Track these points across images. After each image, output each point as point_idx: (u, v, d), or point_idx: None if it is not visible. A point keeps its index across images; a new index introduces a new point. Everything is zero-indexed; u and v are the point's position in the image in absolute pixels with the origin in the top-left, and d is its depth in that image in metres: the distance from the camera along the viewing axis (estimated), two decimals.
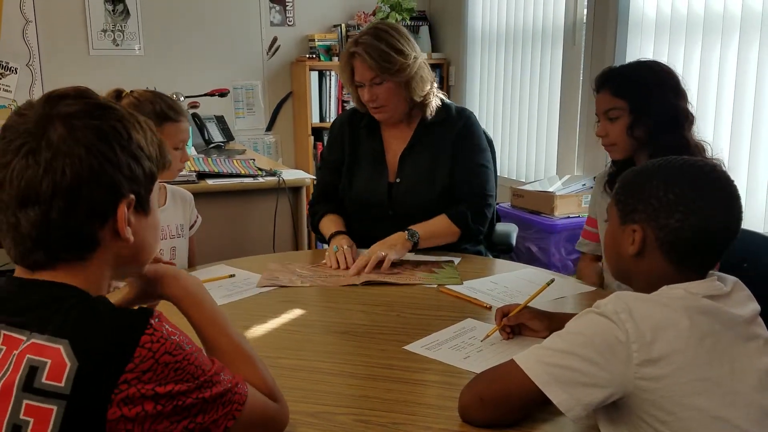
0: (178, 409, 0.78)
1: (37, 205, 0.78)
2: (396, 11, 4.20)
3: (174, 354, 0.77)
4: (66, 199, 0.78)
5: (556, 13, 3.41)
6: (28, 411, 0.73)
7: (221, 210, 2.56)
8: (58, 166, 0.77)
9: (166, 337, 0.77)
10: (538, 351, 0.99)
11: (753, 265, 1.74)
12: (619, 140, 1.69)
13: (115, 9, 3.91)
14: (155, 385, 0.75)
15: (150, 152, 0.87)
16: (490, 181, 2.07)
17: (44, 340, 0.75)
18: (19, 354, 0.75)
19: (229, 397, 0.84)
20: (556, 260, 2.97)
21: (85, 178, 0.79)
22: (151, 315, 0.78)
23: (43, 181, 0.77)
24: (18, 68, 3.76)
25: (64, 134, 0.78)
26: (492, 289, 1.66)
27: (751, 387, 0.96)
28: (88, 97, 0.84)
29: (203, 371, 0.81)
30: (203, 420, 0.80)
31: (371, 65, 1.94)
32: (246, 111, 4.30)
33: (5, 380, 0.74)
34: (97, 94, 0.87)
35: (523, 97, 3.71)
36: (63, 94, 0.83)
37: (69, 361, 0.73)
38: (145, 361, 0.74)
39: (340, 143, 2.14)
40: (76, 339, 0.74)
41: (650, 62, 1.74)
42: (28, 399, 0.73)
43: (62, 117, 0.79)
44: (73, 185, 0.78)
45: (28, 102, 0.84)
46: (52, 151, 0.77)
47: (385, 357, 1.29)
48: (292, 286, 1.71)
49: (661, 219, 1.02)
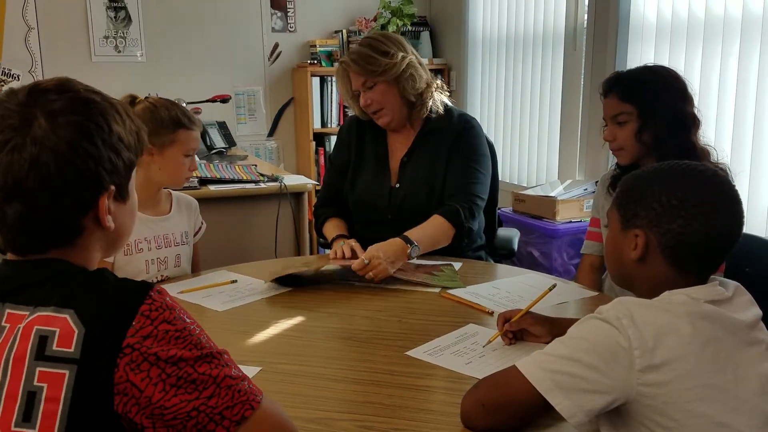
0: (182, 381, 0.78)
1: (23, 199, 0.81)
2: (397, 17, 4.21)
3: (173, 323, 0.80)
4: (50, 194, 0.82)
5: (557, 19, 3.41)
6: (41, 377, 0.77)
7: (223, 216, 2.56)
8: (43, 163, 0.80)
9: (164, 308, 0.80)
10: (540, 357, 0.99)
11: (755, 270, 1.74)
12: (627, 145, 1.70)
13: (117, 16, 3.93)
14: (158, 350, 0.77)
15: (129, 142, 0.90)
16: (480, 184, 2.04)
17: (50, 311, 0.79)
18: (25, 326, 0.79)
19: (245, 387, 0.82)
20: (558, 265, 2.96)
21: (69, 174, 0.82)
22: (152, 287, 0.82)
23: (29, 177, 0.80)
24: (20, 75, 3.77)
25: (48, 131, 0.81)
26: (494, 295, 1.66)
27: (754, 393, 0.96)
28: (70, 91, 0.86)
29: (208, 345, 0.82)
30: (216, 404, 0.79)
31: (358, 70, 2.00)
32: (248, 117, 4.31)
33: (16, 351, 0.79)
34: (79, 85, 0.88)
35: (524, 102, 3.71)
36: (46, 89, 0.85)
37: (76, 328, 0.77)
38: (144, 327, 0.78)
39: (347, 145, 2.17)
40: (81, 307, 0.78)
41: (657, 67, 1.74)
42: (41, 366, 0.77)
43: (46, 113, 0.82)
44: (57, 181, 0.81)
45: (10, 91, 0.86)
46: (37, 147, 0.80)
47: (388, 363, 1.29)
48: (298, 282, 1.71)
49: (664, 224, 1.02)
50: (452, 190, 2.02)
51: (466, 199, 2.00)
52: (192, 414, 0.78)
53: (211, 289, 1.71)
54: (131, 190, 0.93)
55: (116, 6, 3.91)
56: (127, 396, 0.77)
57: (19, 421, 0.77)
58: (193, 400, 0.78)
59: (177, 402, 0.78)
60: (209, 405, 0.79)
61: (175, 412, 0.78)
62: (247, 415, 0.81)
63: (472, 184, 2.03)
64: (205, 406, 0.79)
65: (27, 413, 0.77)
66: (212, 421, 0.79)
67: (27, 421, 0.76)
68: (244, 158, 3.52)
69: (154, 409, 0.77)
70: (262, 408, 0.83)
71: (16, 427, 0.77)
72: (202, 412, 0.78)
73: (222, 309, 1.58)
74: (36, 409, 0.76)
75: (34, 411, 0.76)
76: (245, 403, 0.81)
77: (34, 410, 0.76)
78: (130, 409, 0.77)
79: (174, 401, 0.77)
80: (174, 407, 0.78)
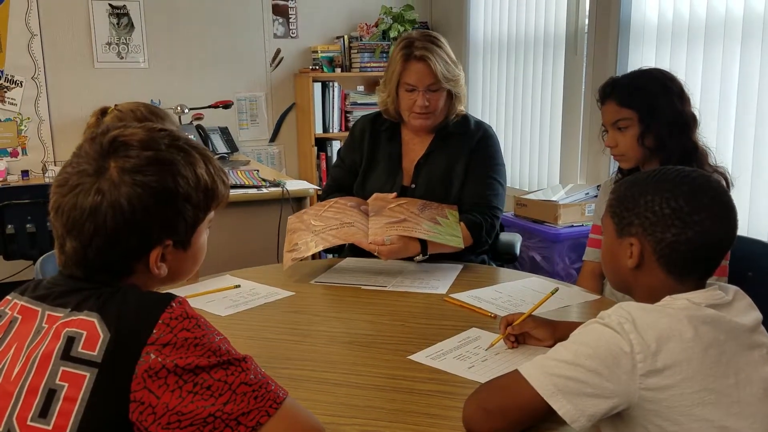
0: (199, 388, 0.79)
1: (79, 239, 0.87)
2: (398, 23, 4.22)
3: (191, 330, 0.82)
4: (103, 241, 0.87)
5: (558, 22, 3.42)
6: (64, 377, 0.80)
7: (225, 221, 2.57)
8: (101, 214, 0.86)
9: (184, 316, 0.83)
10: (543, 361, 0.99)
11: (758, 274, 1.74)
12: (630, 150, 1.69)
13: (119, 22, 3.94)
14: (176, 358, 0.80)
15: (198, 200, 0.92)
16: (499, 196, 2.07)
17: (83, 315, 0.84)
18: (57, 327, 0.84)
19: (263, 393, 0.83)
20: (559, 269, 2.96)
21: (124, 228, 0.87)
22: (174, 298, 0.85)
23: (86, 223, 0.86)
24: (23, 81, 3.78)
25: (114, 185, 0.86)
26: (496, 298, 1.66)
27: (756, 396, 0.96)
28: (151, 149, 0.89)
29: (227, 352, 0.83)
30: (231, 410, 0.80)
31: (437, 72, 1.96)
32: (250, 122, 4.32)
33: (44, 349, 0.83)
34: (164, 141, 0.90)
35: (525, 106, 3.72)
36: (128, 143, 0.89)
37: (102, 333, 0.81)
38: (164, 335, 0.81)
39: (360, 145, 2.16)
40: (108, 314, 0.83)
41: (653, 70, 1.74)
42: (65, 366, 0.80)
43: (119, 169, 0.87)
44: (111, 232, 0.87)
45: (97, 134, 0.90)
46: (100, 198, 0.86)
47: (390, 367, 1.29)
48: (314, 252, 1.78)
49: (658, 233, 1.02)
50: (473, 199, 2.04)
51: (490, 213, 2.02)
52: (209, 420, 0.79)
53: (214, 294, 1.71)
54: (195, 240, 0.96)
55: (119, 12, 3.93)
56: (143, 405, 0.78)
57: (36, 416, 0.80)
58: (209, 407, 0.79)
59: (194, 408, 0.79)
60: (225, 411, 0.80)
61: (192, 418, 0.79)
62: (262, 422, 0.82)
63: (492, 196, 2.05)
64: (221, 412, 0.80)
65: (45, 409, 0.79)
66: (228, 427, 0.80)
67: (43, 417, 0.79)
68: (246, 163, 3.54)
69: (171, 416, 0.79)
70: (280, 413, 0.84)
71: (31, 421, 0.80)
72: (218, 418, 0.80)
73: (225, 314, 1.58)
74: (54, 406, 0.79)
75: (51, 408, 0.79)
76: (261, 409, 0.82)
77: (52, 407, 0.79)
78: (146, 418, 0.78)
79: (191, 407, 0.79)
80: (191, 413, 0.79)
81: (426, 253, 1.89)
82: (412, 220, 1.84)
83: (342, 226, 1.84)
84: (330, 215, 1.91)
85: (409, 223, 1.82)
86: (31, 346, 0.84)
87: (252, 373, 0.84)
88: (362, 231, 1.83)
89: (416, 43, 1.98)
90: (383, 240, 1.80)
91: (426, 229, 1.80)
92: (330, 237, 1.81)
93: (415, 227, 1.79)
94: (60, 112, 3.87)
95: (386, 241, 1.80)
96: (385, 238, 1.79)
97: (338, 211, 1.91)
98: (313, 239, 1.82)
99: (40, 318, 0.87)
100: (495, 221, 2.04)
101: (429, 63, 1.96)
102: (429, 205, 1.93)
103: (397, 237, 1.81)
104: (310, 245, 1.80)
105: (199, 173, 0.92)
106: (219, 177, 0.96)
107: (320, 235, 1.82)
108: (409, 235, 1.81)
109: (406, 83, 2.00)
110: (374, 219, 1.88)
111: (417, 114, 2.02)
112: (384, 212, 1.91)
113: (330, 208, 1.94)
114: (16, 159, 3.81)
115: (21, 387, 0.81)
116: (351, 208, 1.94)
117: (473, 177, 2.05)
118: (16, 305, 0.91)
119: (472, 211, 2.01)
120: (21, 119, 3.81)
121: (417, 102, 1.99)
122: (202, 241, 0.99)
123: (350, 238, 1.83)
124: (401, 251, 1.84)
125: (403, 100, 2.03)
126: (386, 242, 1.80)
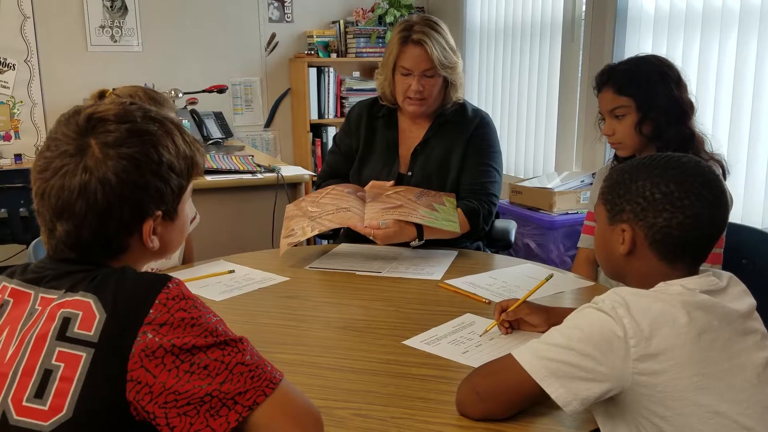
0: (196, 367, 0.80)
1: (71, 220, 0.87)
2: (394, 7, 4.19)
3: (188, 311, 0.82)
4: (96, 218, 0.87)
5: (555, 9, 3.40)
6: (59, 357, 0.80)
7: (220, 206, 2.56)
8: (91, 191, 0.86)
9: (181, 297, 0.83)
10: (536, 345, 0.99)
11: (753, 261, 1.74)
12: (627, 138, 1.69)
13: (113, 5, 3.90)
14: (173, 338, 0.80)
15: (180, 168, 0.93)
16: (496, 183, 2.07)
17: (78, 296, 0.83)
18: (52, 308, 0.83)
19: (259, 373, 0.84)
20: (554, 256, 2.97)
21: (115, 202, 0.87)
22: (170, 279, 0.85)
23: (77, 203, 0.86)
24: (16, 64, 3.75)
25: (99, 161, 0.86)
26: (491, 285, 1.66)
27: (750, 382, 0.97)
28: (128, 121, 0.90)
29: (224, 333, 0.84)
30: (228, 390, 0.80)
31: (434, 57, 1.94)
32: (244, 107, 4.30)
33: (39, 331, 0.82)
34: (138, 112, 0.91)
35: (521, 93, 3.71)
36: (104, 118, 0.89)
37: (98, 313, 0.81)
38: (161, 315, 0.81)
39: (356, 131, 2.15)
40: (104, 295, 0.82)
41: (649, 56, 1.74)
42: (61, 346, 0.80)
43: (100, 144, 0.87)
44: (103, 207, 0.87)
45: (71, 114, 0.90)
46: (87, 176, 0.86)
47: (384, 352, 1.29)
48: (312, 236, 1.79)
49: (649, 218, 1.02)
50: (470, 186, 2.03)
51: (487, 200, 2.02)
52: (205, 399, 0.80)
53: (209, 279, 1.71)
54: (181, 209, 0.97)
55: None
56: (140, 384, 0.78)
57: (31, 396, 0.79)
58: (206, 386, 0.80)
59: (190, 387, 0.79)
60: (222, 390, 0.80)
61: (189, 398, 0.79)
62: (259, 401, 0.82)
63: (489, 183, 2.05)
64: (218, 392, 0.80)
65: (40, 390, 0.79)
66: (225, 406, 0.80)
67: (39, 397, 0.79)
68: (240, 149, 3.52)
69: (168, 395, 0.79)
70: (277, 394, 0.84)
71: (27, 402, 0.79)
72: (215, 398, 0.80)
73: (219, 299, 1.58)
74: (50, 386, 0.79)
75: (47, 388, 0.79)
76: (258, 389, 0.82)
77: (48, 387, 0.79)
78: (143, 397, 0.78)
79: (188, 387, 0.79)
80: (188, 393, 0.79)
81: (422, 238, 1.89)
82: (409, 206, 1.84)
83: (338, 210, 1.84)
84: (327, 201, 1.90)
85: (405, 208, 1.82)
86: (25, 329, 0.84)
87: (248, 354, 0.84)
88: (358, 215, 1.83)
89: (415, 26, 1.97)
90: (379, 224, 1.80)
91: (422, 214, 1.80)
92: (326, 221, 1.81)
93: (411, 212, 1.80)
94: (53, 95, 3.84)
95: (382, 224, 1.80)
96: (381, 222, 1.79)
97: (335, 197, 1.91)
98: (309, 224, 1.81)
99: (33, 300, 0.87)
100: (492, 208, 2.04)
101: (426, 47, 1.94)
102: (426, 192, 1.93)
103: (393, 221, 1.81)
104: (306, 230, 1.80)
105: (178, 142, 0.93)
106: (195, 146, 0.97)
107: (316, 220, 1.82)
108: (405, 219, 1.81)
109: (401, 67, 1.99)
110: (371, 204, 1.88)
111: (410, 99, 2.01)
112: (380, 198, 1.91)
113: (327, 195, 1.94)
114: (9, 143, 3.78)
115: (16, 369, 0.81)
116: (348, 194, 1.93)
117: (470, 164, 2.05)
118: (6, 288, 0.90)
119: (470, 198, 2.01)
120: (14, 103, 3.77)
121: (411, 86, 1.98)
122: (187, 212, 1.00)
123: (346, 222, 1.82)
124: (397, 236, 1.84)
125: (398, 84, 2.02)
126: (382, 226, 1.80)
